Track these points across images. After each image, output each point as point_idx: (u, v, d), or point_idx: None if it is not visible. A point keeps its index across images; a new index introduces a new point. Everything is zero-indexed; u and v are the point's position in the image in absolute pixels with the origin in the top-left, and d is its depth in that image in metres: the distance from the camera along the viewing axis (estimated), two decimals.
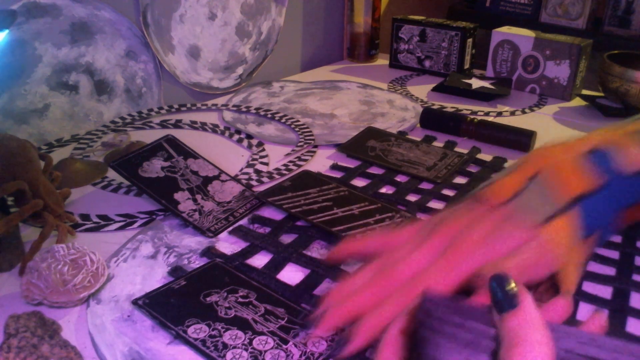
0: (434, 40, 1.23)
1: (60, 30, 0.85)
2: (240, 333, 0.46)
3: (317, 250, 0.59)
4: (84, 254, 0.51)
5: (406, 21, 1.25)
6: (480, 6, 1.66)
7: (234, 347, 0.45)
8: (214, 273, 0.54)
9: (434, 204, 0.69)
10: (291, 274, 0.55)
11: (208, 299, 0.50)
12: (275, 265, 0.56)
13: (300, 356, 0.44)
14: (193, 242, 0.60)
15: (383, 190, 0.73)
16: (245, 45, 1.14)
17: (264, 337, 0.46)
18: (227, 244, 0.60)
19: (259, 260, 0.57)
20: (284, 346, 0.45)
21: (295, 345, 0.45)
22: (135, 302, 0.49)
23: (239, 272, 0.54)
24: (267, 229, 0.63)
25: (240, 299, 0.50)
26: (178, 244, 0.59)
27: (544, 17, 1.56)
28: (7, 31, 0.63)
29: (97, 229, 0.62)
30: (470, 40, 1.21)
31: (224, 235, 0.62)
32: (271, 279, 0.54)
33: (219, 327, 0.47)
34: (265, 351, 0.44)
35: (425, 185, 0.74)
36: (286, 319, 0.48)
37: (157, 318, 0.47)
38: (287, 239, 0.61)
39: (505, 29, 1.16)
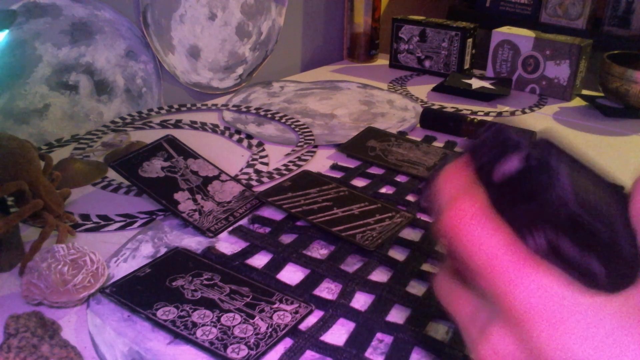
0: (434, 40, 1.23)
1: (60, 30, 0.85)
2: (208, 312, 0.48)
3: (317, 250, 0.59)
4: (84, 254, 0.51)
5: (406, 21, 1.25)
6: (480, 6, 1.66)
7: (203, 325, 0.47)
8: (177, 259, 0.55)
9: None
10: (291, 274, 0.55)
11: (174, 283, 0.52)
12: (275, 265, 0.56)
13: (267, 328, 0.47)
14: (193, 242, 0.60)
15: (383, 190, 0.73)
16: (245, 45, 1.14)
17: (231, 314, 0.48)
18: (227, 244, 0.60)
19: (259, 260, 0.57)
20: (251, 320, 0.48)
21: (262, 319, 0.48)
22: (102, 291, 0.51)
23: (202, 257, 0.56)
24: (267, 229, 0.63)
25: (205, 282, 0.52)
26: (178, 244, 0.59)
27: (544, 17, 1.56)
28: (7, 31, 0.63)
29: (97, 229, 0.62)
30: (470, 40, 1.21)
31: (224, 235, 0.62)
32: (271, 279, 0.54)
33: (187, 308, 0.49)
34: (234, 326, 0.47)
35: None
36: (251, 296, 0.50)
37: (126, 304, 0.49)
38: (287, 239, 0.61)
39: (505, 29, 1.16)
